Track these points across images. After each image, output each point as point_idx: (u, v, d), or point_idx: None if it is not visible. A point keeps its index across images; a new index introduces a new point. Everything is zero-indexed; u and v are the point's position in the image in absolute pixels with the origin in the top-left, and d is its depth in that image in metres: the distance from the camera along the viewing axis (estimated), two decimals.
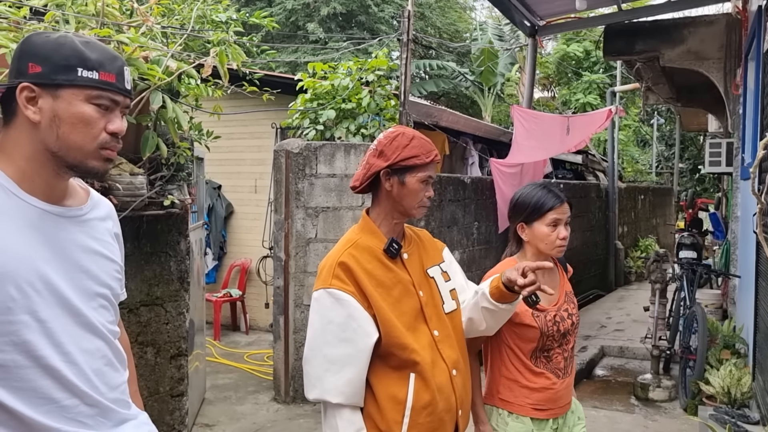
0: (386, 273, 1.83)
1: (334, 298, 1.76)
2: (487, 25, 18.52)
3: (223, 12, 4.13)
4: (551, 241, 2.18)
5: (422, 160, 1.83)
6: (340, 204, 5.08)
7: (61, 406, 1.27)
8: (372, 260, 1.82)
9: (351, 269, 1.78)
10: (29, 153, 1.28)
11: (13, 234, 1.23)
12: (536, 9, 7.68)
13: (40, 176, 1.29)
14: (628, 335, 7.40)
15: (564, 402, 2.24)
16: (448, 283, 1.99)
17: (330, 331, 1.76)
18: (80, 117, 1.27)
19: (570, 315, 2.24)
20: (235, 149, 7.35)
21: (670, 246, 12.81)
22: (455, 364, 1.89)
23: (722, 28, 6.36)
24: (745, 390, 4.39)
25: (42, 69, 1.25)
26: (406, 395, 1.78)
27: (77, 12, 2.87)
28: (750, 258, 4.68)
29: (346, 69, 5.71)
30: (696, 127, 13.72)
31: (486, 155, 8.28)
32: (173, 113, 3.07)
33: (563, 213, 2.21)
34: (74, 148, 1.28)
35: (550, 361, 2.21)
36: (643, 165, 20.11)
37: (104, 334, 1.37)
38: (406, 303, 1.84)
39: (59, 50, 1.26)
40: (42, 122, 1.26)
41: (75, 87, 1.26)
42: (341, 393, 1.74)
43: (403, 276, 1.87)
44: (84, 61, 1.27)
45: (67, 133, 1.27)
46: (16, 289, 1.20)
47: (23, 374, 1.22)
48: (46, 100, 1.26)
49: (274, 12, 15.87)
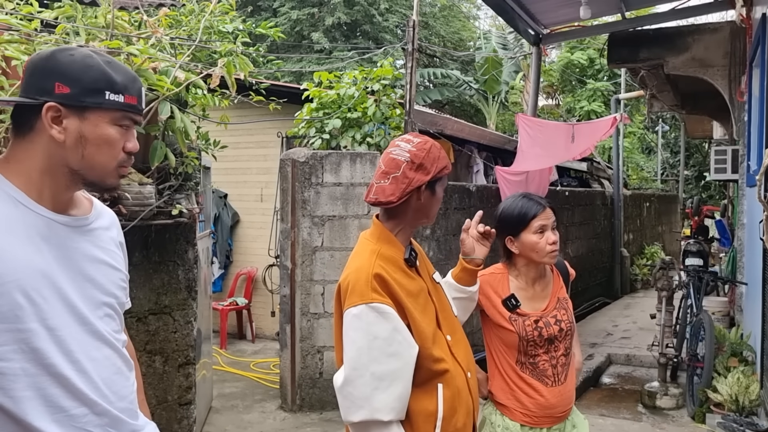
0: (411, 282, 1.81)
1: (377, 312, 1.70)
2: (491, 33, 18.57)
3: (230, 23, 4.17)
4: (542, 248, 2.19)
5: (449, 168, 1.86)
6: (346, 213, 5.10)
7: (70, 415, 1.27)
8: (397, 270, 1.79)
9: (386, 281, 1.73)
10: (43, 166, 1.30)
11: (20, 243, 1.24)
12: (540, 17, 7.71)
13: (48, 188, 1.31)
14: (635, 343, 7.38)
15: (558, 412, 2.21)
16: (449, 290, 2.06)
17: (376, 346, 1.69)
18: (106, 138, 1.31)
19: (558, 321, 2.22)
20: (241, 158, 7.38)
21: (676, 253, 12.78)
22: (468, 366, 1.89)
23: (726, 35, 6.38)
24: (753, 398, 4.37)
25: (71, 90, 1.27)
26: (436, 407, 1.75)
27: (87, 24, 2.90)
28: (757, 265, 4.67)
29: (351, 78, 5.74)
30: (701, 134, 13.71)
31: (491, 163, 8.29)
32: (181, 123, 3.10)
33: (547, 218, 2.21)
34: (97, 168, 1.32)
35: (536, 368, 2.19)
36: (648, 172, 20.08)
37: (112, 342, 1.38)
38: (428, 311, 1.82)
39: (88, 72, 1.29)
40: (67, 141, 1.28)
41: (102, 110, 1.30)
42: (393, 409, 1.68)
43: (422, 284, 1.86)
44: (111, 84, 1.30)
45: (93, 154, 1.30)
46: (24, 297, 1.21)
47: (33, 382, 1.22)
48: (71, 121, 1.28)
49: (279, 22, 15.98)
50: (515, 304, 2.18)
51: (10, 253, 1.22)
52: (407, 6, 17.49)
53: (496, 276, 2.28)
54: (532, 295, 2.26)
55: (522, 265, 2.26)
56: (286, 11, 16.71)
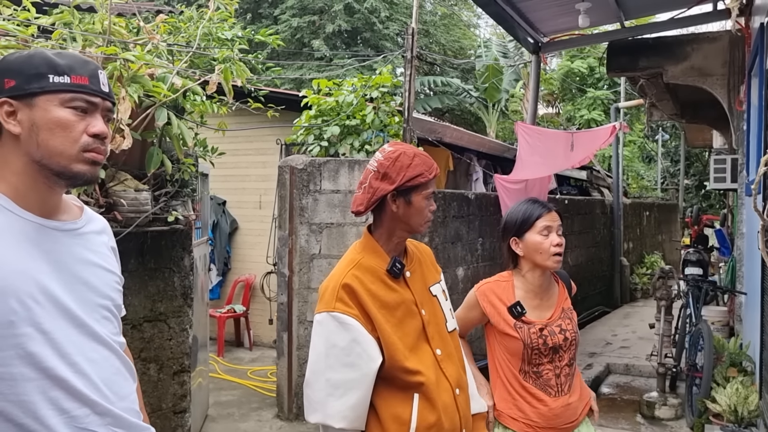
0: (389, 293, 1.80)
1: (338, 322, 1.73)
2: (491, 41, 18.62)
3: (228, 30, 4.18)
4: (546, 249, 2.19)
5: (426, 177, 1.81)
6: (344, 220, 5.09)
7: (72, 417, 1.27)
8: (375, 281, 1.80)
9: (355, 291, 1.75)
10: (19, 168, 1.30)
11: (10, 249, 1.24)
12: (539, 26, 7.73)
13: (33, 191, 1.31)
14: (634, 352, 7.35)
15: (562, 423, 2.19)
16: (447, 302, 1.98)
17: (333, 355, 1.73)
18: (56, 122, 1.29)
19: (563, 330, 2.21)
20: (240, 165, 7.38)
21: (676, 262, 12.75)
22: (458, 382, 1.87)
23: (725, 44, 6.38)
24: (752, 408, 4.34)
25: (16, 82, 1.28)
26: (410, 415, 1.75)
27: (84, 30, 2.90)
28: (756, 275, 4.65)
29: (350, 85, 5.75)
30: (701, 143, 13.72)
31: (490, 171, 8.28)
32: (178, 130, 3.09)
33: (553, 220, 2.22)
34: (56, 153, 1.30)
35: (540, 377, 2.18)
36: (648, 181, 20.08)
37: (110, 344, 1.38)
38: (408, 323, 1.82)
39: (30, 61, 1.30)
40: (23, 133, 1.29)
41: (48, 93, 1.29)
42: (344, 418, 1.71)
43: (406, 295, 1.84)
44: (54, 67, 1.30)
45: (46, 139, 1.29)
46: (17, 303, 1.21)
47: (32, 387, 1.22)
48: (24, 112, 1.29)
49: (280, 29, 16.03)
50: (521, 311, 2.17)
51: (1, 259, 1.22)
52: (407, 14, 17.54)
53: (501, 284, 2.28)
54: (538, 304, 2.24)
55: (527, 270, 2.25)
56: (286, 19, 16.76)
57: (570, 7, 6.82)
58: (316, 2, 16.62)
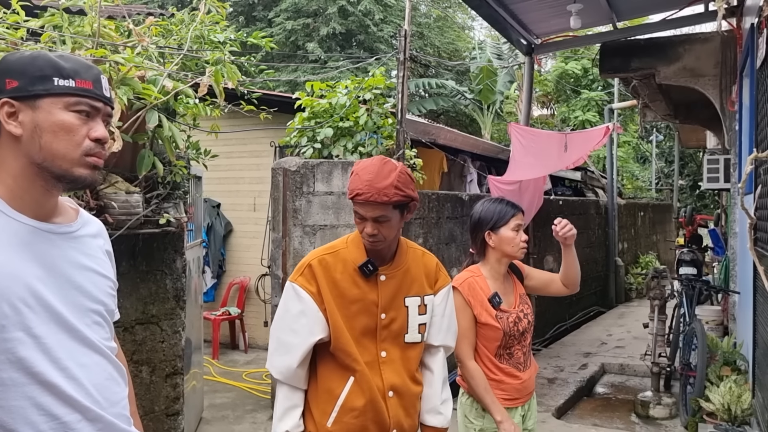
0: (351, 288, 1.96)
1: (295, 293, 1.97)
2: (485, 43, 18.66)
3: (221, 32, 4.17)
4: (517, 243, 2.53)
5: (349, 195, 1.94)
6: (337, 222, 5.09)
7: (62, 422, 1.26)
8: (343, 272, 1.97)
9: (316, 274, 1.96)
10: (16, 170, 1.29)
11: (3, 252, 1.23)
12: (532, 28, 7.75)
13: (28, 193, 1.30)
14: (629, 352, 7.37)
15: (528, 391, 2.59)
16: (422, 316, 2.04)
17: (285, 319, 2.00)
18: (61, 125, 1.29)
19: (525, 315, 2.57)
20: (234, 168, 7.38)
21: (670, 262, 12.78)
22: (393, 387, 1.99)
23: (717, 45, 6.41)
24: (745, 407, 4.36)
25: (19, 83, 1.27)
26: (340, 393, 1.95)
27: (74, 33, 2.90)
28: (749, 274, 4.67)
29: (344, 88, 5.75)
30: (695, 143, 13.77)
31: (484, 173, 8.30)
32: (169, 132, 3.08)
33: (522, 220, 2.57)
34: (58, 157, 1.29)
35: (512, 357, 2.54)
36: (642, 181, 20.14)
37: (102, 349, 1.36)
38: (359, 320, 1.97)
39: (34, 63, 1.29)
40: (24, 135, 1.27)
41: (52, 96, 1.28)
42: (281, 373, 1.98)
43: (370, 296, 1.97)
44: (59, 70, 1.29)
45: (50, 142, 1.28)
46: (8, 306, 1.20)
47: (23, 392, 1.21)
48: (26, 113, 1.27)
49: (274, 32, 16.04)
50: (499, 300, 2.50)
51: None
52: (401, 16, 17.56)
53: (477, 279, 2.56)
54: (503, 288, 2.58)
55: (494, 261, 2.58)
56: (281, 21, 16.77)
57: (562, 9, 6.85)
58: (310, 5, 16.63)
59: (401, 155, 5.26)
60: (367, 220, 1.93)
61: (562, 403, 5.56)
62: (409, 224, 5.40)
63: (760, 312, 4.13)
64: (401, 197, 1.91)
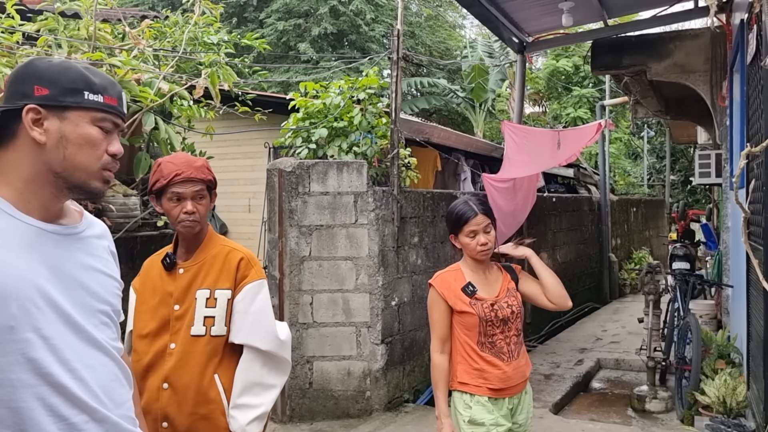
0: (157, 281, 2.13)
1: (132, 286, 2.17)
2: (477, 42, 18.71)
3: (214, 34, 4.18)
4: (473, 248, 2.58)
5: (161, 183, 2.06)
6: (333, 222, 5.10)
7: (70, 424, 1.26)
8: (154, 267, 2.17)
9: (141, 272, 2.19)
10: (28, 174, 1.30)
11: (11, 253, 1.23)
12: (524, 26, 7.78)
13: (36, 197, 1.31)
14: (624, 347, 7.41)
15: (514, 383, 2.61)
16: (209, 309, 2.08)
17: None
18: (87, 138, 1.32)
19: (510, 305, 2.62)
20: (228, 169, 7.38)
21: (663, 257, 12.86)
22: (168, 379, 2.05)
23: (707, 41, 6.46)
24: (740, 399, 4.40)
25: (49, 91, 1.28)
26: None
27: (69, 36, 2.90)
28: (742, 267, 4.71)
29: (337, 88, 5.76)
30: (686, 139, 13.85)
31: (478, 171, 8.33)
32: (166, 134, 3.10)
33: (478, 224, 2.58)
34: (80, 169, 1.32)
35: (494, 346, 2.58)
36: (634, 178, 20.23)
37: (108, 350, 1.37)
38: (159, 311, 2.09)
39: (66, 74, 1.31)
40: (48, 143, 1.29)
41: (82, 109, 1.31)
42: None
43: (168, 287, 2.11)
44: (90, 85, 1.32)
45: (74, 154, 1.31)
46: (18, 308, 1.21)
47: (33, 393, 1.22)
48: (52, 122, 1.29)
49: (266, 33, 16.01)
50: (473, 289, 2.58)
51: (2, 263, 1.21)
52: (393, 16, 17.58)
53: (452, 273, 2.67)
54: (485, 283, 2.64)
55: (468, 258, 2.68)
56: (272, 22, 16.76)
57: (553, 7, 6.88)
58: (301, 5, 16.63)
59: (396, 154, 5.29)
60: (185, 200, 2.07)
61: (559, 399, 5.59)
62: (404, 223, 5.42)
63: (753, 305, 4.17)
64: (212, 178, 2.15)
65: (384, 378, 5.13)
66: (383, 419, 4.96)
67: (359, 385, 5.08)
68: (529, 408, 2.71)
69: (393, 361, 5.27)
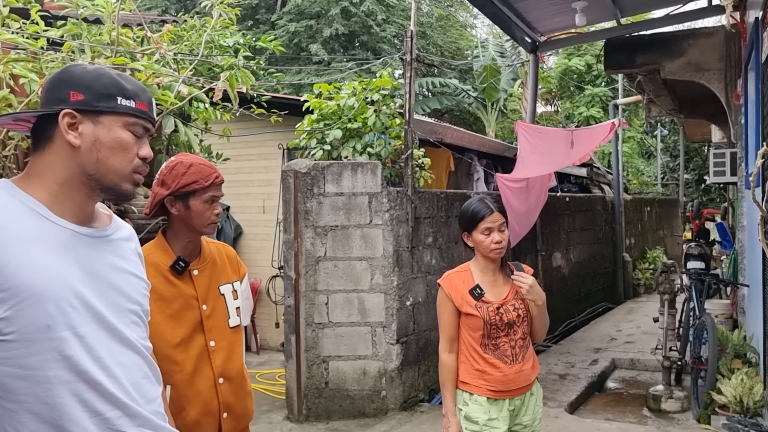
0: (168, 288, 2.05)
1: None
2: (488, 42, 18.69)
3: (230, 37, 4.23)
4: (486, 246, 2.56)
5: (201, 184, 2.05)
6: (348, 222, 5.14)
7: (104, 419, 1.32)
8: (157, 275, 2.01)
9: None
10: (64, 177, 1.35)
11: (47, 255, 1.29)
12: (536, 25, 7.78)
13: (71, 199, 1.36)
14: (639, 347, 7.39)
15: (517, 386, 2.60)
16: (236, 301, 2.22)
17: None
18: (119, 142, 1.38)
19: (516, 309, 2.60)
20: (243, 171, 7.43)
21: (678, 257, 12.79)
22: (223, 372, 2.11)
23: (721, 39, 6.44)
24: (757, 399, 4.39)
25: (84, 97, 1.34)
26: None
27: (92, 42, 2.96)
28: (758, 267, 4.70)
29: (351, 89, 5.80)
30: (700, 137, 13.77)
31: (491, 171, 8.33)
32: (185, 137, 3.15)
33: (494, 221, 2.56)
34: (112, 171, 1.38)
35: (498, 349, 2.58)
36: (648, 177, 20.12)
37: (139, 348, 1.43)
38: (185, 315, 2.07)
39: (100, 80, 1.37)
40: (82, 146, 1.35)
41: (115, 114, 1.37)
42: None
43: (187, 291, 2.09)
44: (123, 90, 1.38)
45: (107, 157, 1.37)
46: (54, 307, 1.26)
47: (70, 389, 1.27)
48: (87, 126, 1.35)
49: (278, 35, 16.10)
50: (480, 292, 2.57)
51: (39, 264, 1.26)
52: (404, 16, 17.61)
53: (461, 273, 2.67)
54: (494, 285, 2.63)
55: (480, 257, 2.65)
56: (284, 24, 16.84)
57: (566, 6, 6.88)
58: (313, 7, 16.69)
59: (410, 155, 5.32)
60: (217, 201, 2.10)
61: (574, 399, 5.60)
62: (418, 223, 5.45)
63: None
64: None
65: (399, 378, 5.16)
66: (399, 418, 4.99)
67: (375, 384, 5.11)
68: (535, 409, 2.70)
69: (408, 361, 5.29)
